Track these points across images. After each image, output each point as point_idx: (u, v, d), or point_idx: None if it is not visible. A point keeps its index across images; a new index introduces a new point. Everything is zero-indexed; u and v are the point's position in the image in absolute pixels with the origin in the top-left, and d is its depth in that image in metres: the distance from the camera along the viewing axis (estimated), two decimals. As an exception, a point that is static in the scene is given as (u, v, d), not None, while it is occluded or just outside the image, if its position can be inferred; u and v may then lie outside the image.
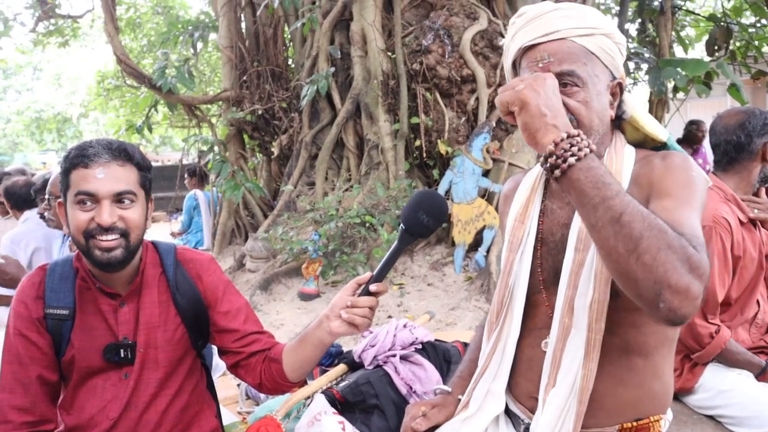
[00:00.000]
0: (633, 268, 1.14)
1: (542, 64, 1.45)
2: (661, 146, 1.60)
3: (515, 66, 1.57)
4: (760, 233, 2.56)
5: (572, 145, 1.20)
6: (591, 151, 1.20)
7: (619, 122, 1.60)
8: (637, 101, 1.62)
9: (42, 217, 3.32)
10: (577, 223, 1.47)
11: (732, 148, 2.57)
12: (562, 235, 1.53)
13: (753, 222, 2.55)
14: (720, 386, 2.39)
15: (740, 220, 2.48)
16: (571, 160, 1.19)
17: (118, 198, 1.66)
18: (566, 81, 1.43)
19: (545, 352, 1.51)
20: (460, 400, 1.74)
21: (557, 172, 1.21)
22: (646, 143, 1.61)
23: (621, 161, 1.50)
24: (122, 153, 1.69)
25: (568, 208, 1.54)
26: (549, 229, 1.59)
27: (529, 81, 1.26)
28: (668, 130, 1.64)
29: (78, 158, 1.65)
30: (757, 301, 2.58)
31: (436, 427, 1.72)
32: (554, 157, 1.20)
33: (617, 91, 1.55)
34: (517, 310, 1.59)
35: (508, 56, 1.58)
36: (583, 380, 1.42)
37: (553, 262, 1.54)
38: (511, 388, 1.67)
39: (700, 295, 1.14)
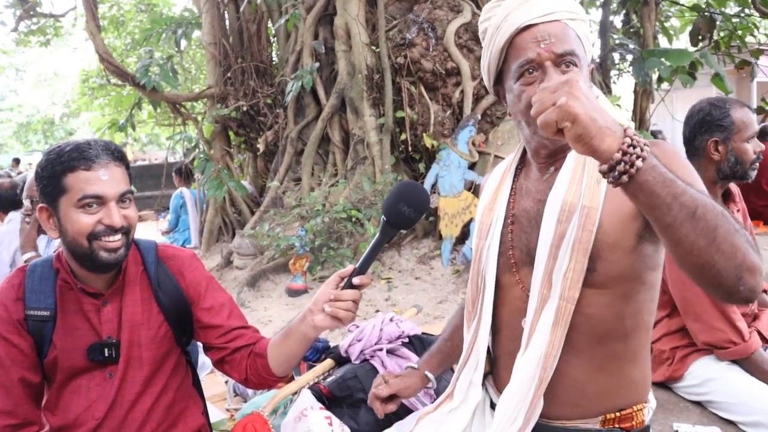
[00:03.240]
0: (715, 258, 1.14)
1: (544, 44, 1.42)
2: None
3: (502, 50, 1.52)
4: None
5: (634, 147, 1.12)
6: (647, 145, 1.13)
7: None
8: (595, 87, 1.63)
9: (28, 216, 3.30)
10: (558, 196, 1.46)
11: (684, 143, 2.55)
12: (538, 211, 1.52)
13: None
14: (708, 375, 2.39)
15: None
16: (638, 163, 1.11)
17: (121, 198, 1.67)
18: (568, 61, 1.43)
19: (524, 328, 1.51)
20: (426, 376, 1.82)
21: (625, 178, 1.13)
22: None
23: None
24: (119, 153, 1.70)
25: (545, 184, 1.54)
26: (522, 207, 1.59)
27: (565, 90, 1.14)
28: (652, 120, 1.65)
29: (78, 161, 1.62)
30: None
31: (396, 396, 1.83)
32: (622, 164, 1.12)
33: (590, 75, 1.56)
34: (488, 293, 1.60)
35: (497, 38, 1.51)
36: (548, 346, 1.42)
37: (527, 240, 1.54)
38: (494, 382, 1.68)
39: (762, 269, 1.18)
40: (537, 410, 1.45)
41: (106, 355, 1.74)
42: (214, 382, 3.33)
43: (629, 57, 8.28)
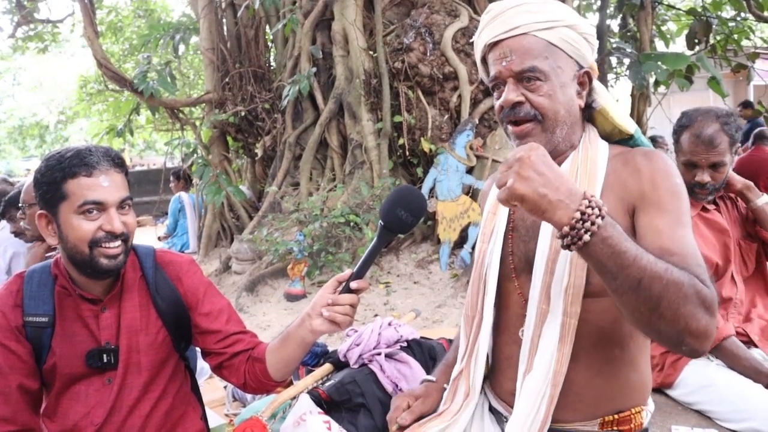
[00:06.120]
0: (656, 324, 1.21)
1: (506, 62, 1.49)
2: (629, 138, 1.62)
3: (484, 61, 1.61)
4: (728, 214, 2.56)
5: (584, 221, 1.17)
6: (603, 217, 1.18)
7: (590, 112, 1.61)
8: (605, 91, 1.63)
9: (16, 234, 3.28)
10: None
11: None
12: (534, 221, 1.54)
13: (707, 207, 2.53)
14: (701, 381, 2.37)
15: None
16: (586, 237, 1.17)
17: (121, 204, 1.67)
18: (529, 77, 1.47)
19: (522, 339, 1.52)
20: (445, 388, 1.75)
21: (573, 247, 1.20)
22: (613, 134, 1.63)
23: (595, 156, 1.52)
24: (119, 160, 1.71)
25: None
26: (521, 216, 1.61)
27: (515, 170, 1.20)
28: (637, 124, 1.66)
29: (79, 167, 1.62)
30: (733, 279, 2.55)
31: (421, 417, 1.71)
32: (569, 237, 1.18)
33: (585, 80, 1.56)
34: (489, 297, 1.61)
35: (476, 52, 1.62)
36: (557, 364, 1.43)
37: (525, 249, 1.56)
38: (492, 386, 1.68)
39: (716, 328, 1.23)
40: (547, 425, 1.45)
41: (105, 361, 1.74)
42: (212, 387, 3.33)
43: (626, 61, 8.31)
